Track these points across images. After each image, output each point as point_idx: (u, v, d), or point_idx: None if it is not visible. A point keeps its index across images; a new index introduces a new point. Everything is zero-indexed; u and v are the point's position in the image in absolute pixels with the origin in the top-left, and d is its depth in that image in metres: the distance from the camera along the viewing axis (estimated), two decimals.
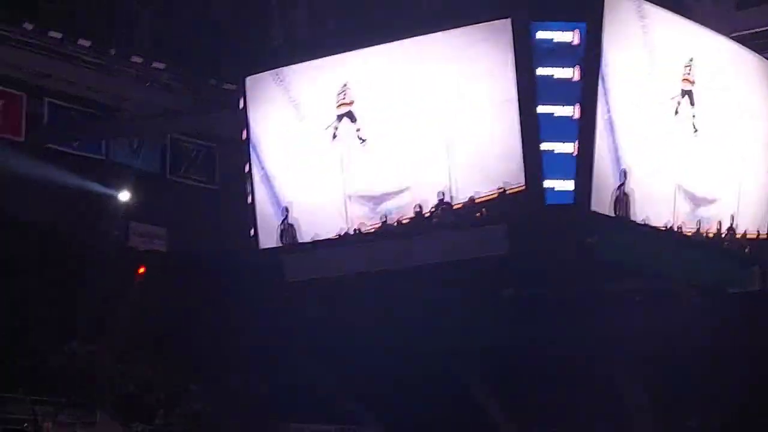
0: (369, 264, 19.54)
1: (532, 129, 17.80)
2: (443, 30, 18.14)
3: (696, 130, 18.60)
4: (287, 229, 19.87)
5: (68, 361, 24.34)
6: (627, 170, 18.02)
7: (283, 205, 19.82)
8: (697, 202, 18.78)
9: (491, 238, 18.29)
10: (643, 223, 18.26)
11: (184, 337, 25.63)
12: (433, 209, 18.48)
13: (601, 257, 18.55)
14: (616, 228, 18.19)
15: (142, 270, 25.09)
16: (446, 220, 18.44)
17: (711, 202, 18.97)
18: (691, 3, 20.81)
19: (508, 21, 17.71)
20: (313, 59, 19.41)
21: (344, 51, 19.00)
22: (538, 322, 24.04)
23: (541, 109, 17.94)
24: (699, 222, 18.88)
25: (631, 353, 24.46)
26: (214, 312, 25.88)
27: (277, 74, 19.62)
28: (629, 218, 18.03)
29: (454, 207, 18.29)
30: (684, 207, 18.63)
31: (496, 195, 17.95)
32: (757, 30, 20.38)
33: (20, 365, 23.18)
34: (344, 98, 18.96)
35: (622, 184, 17.97)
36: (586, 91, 17.80)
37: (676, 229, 18.53)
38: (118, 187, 24.68)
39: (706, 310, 22.90)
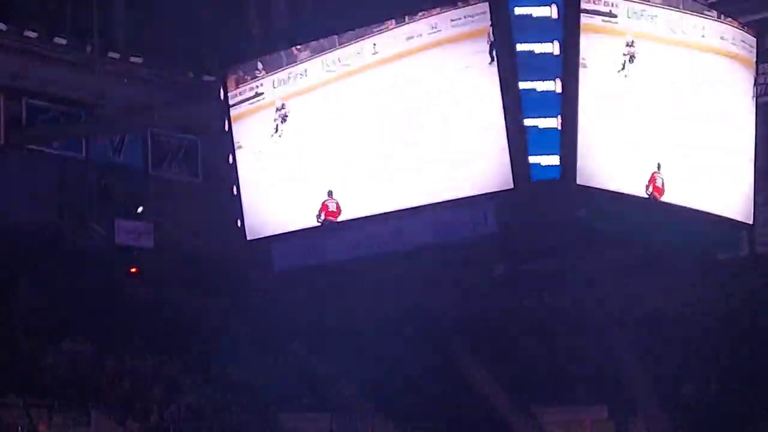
0: (358, 249, 19.47)
1: (515, 105, 17.74)
2: (422, 14, 18.09)
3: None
4: None
5: (61, 362, 24.32)
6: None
7: None
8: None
9: (479, 216, 18.25)
10: (629, 194, 18.24)
11: (175, 331, 25.65)
12: None
13: (591, 229, 18.55)
14: (603, 200, 18.17)
15: (134, 270, 25.08)
16: None
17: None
18: None
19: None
20: (292, 46, 19.33)
21: (323, 38, 18.92)
22: (531, 298, 24.10)
23: (523, 85, 17.88)
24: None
25: (623, 322, 24.56)
26: (205, 305, 25.91)
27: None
28: (616, 190, 18.02)
29: None
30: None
31: None
32: None
33: (12, 368, 23.13)
34: None
35: None
36: (567, 65, 17.75)
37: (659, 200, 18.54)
38: (101, 185, 24.65)
39: (697, 277, 22.99)
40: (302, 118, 19.29)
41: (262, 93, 19.59)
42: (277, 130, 19.43)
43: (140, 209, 24.06)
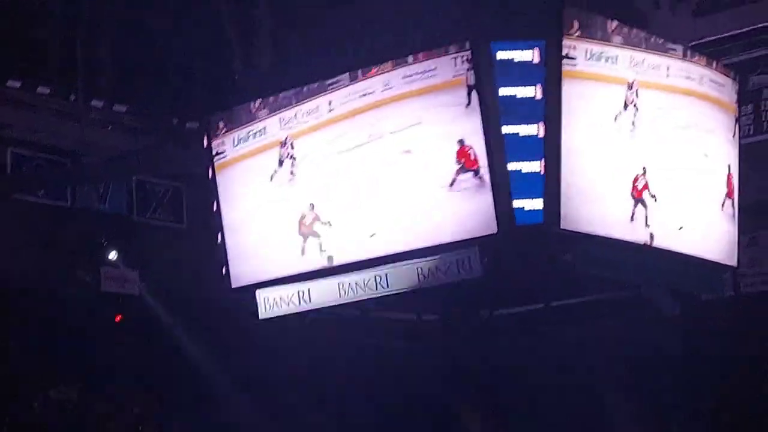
0: (343, 295, 19.49)
1: (498, 150, 17.79)
2: (404, 59, 18.14)
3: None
4: None
5: (48, 409, 24.24)
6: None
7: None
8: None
9: (464, 261, 18.27)
10: (612, 237, 18.28)
11: (163, 377, 25.58)
12: None
13: (577, 272, 18.59)
14: (587, 243, 18.22)
15: (118, 318, 25.02)
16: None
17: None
18: (649, 13, 20.95)
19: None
20: (277, 93, 19.41)
21: (307, 84, 18.99)
22: (517, 340, 24.06)
23: (506, 129, 17.95)
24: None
25: (608, 364, 24.54)
26: (193, 350, 25.84)
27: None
28: (600, 234, 18.06)
29: None
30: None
31: None
32: (714, 38, 20.53)
33: (1, 416, 23.08)
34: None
35: None
36: (550, 109, 17.82)
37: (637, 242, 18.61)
38: (86, 233, 24.61)
39: (683, 318, 22.99)
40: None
41: (224, 151, 19.73)
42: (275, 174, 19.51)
43: (114, 255, 24.00)
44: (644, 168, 18.53)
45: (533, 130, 17.89)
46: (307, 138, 18.90)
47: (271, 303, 19.79)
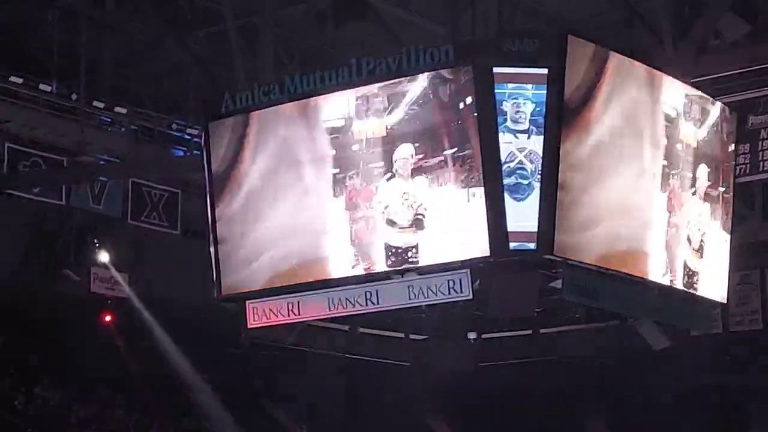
0: (332, 309, 19.40)
1: (494, 172, 17.74)
2: (406, 76, 18.11)
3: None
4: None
5: (31, 406, 24.22)
6: None
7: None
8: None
9: (455, 282, 18.21)
10: (604, 268, 18.23)
11: (148, 382, 25.58)
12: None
13: (565, 300, 18.54)
14: (579, 272, 18.16)
15: (108, 318, 25.04)
16: None
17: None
18: (652, 49, 20.95)
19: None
20: (278, 104, 19.32)
21: (308, 95, 18.92)
22: (505, 364, 24.06)
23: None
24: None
25: (594, 395, 24.55)
26: (179, 358, 25.83)
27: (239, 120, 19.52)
28: (592, 263, 18.01)
29: None
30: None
31: None
32: (716, 76, 20.52)
33: None
34: None
35: None
36: (548, 134, 17.77)
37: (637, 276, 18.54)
38: (79, 232, 24.63)
39: (672, 351, 22.98)
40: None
41: None
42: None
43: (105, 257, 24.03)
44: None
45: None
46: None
47: (260, 314, 19.69)
